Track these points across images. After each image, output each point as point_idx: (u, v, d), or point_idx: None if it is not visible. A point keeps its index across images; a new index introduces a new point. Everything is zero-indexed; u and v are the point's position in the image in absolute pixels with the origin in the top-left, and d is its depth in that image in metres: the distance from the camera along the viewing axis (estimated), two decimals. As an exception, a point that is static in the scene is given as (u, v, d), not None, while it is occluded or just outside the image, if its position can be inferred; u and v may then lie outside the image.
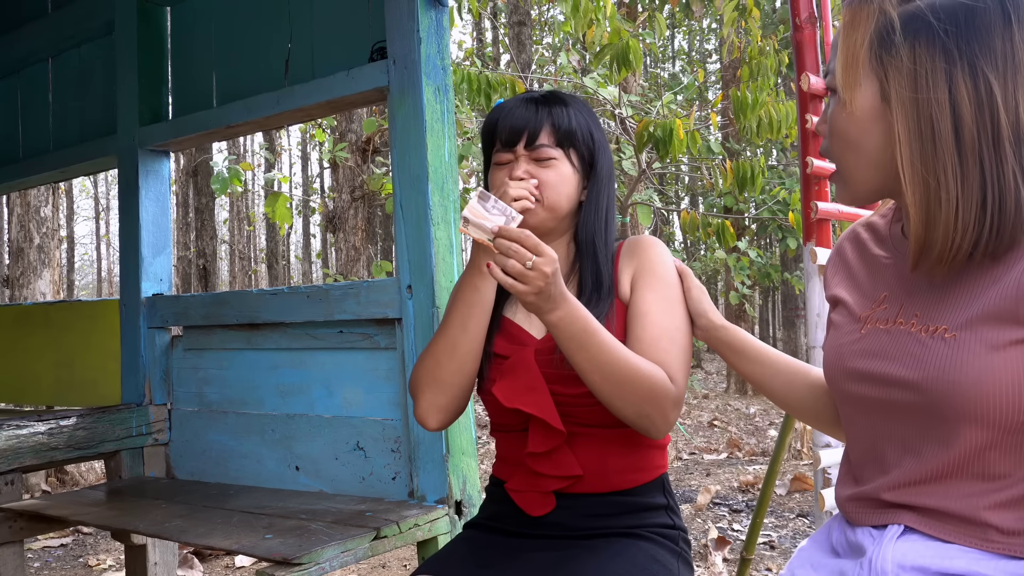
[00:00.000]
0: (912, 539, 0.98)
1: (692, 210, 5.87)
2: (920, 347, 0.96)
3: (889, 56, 0.92)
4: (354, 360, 2.13)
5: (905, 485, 0.99)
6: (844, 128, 0.98)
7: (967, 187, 0.89)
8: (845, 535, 1.08)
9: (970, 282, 0.94)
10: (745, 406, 9.70)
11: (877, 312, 1.05)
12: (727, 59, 9.09)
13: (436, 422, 1.41)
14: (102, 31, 2.85)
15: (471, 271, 1.34)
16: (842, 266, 1.17)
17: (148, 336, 2.60)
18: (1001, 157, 0.88)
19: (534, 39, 9.21)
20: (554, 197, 1.37)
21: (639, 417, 1.26)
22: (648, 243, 1.43)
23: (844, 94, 0.97)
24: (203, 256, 11.19)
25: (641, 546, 1.32)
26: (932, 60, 0.90)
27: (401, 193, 2.00)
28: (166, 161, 2.74)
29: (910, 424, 0.98)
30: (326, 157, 7.37)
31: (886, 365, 0.99)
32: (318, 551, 1.59)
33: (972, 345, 0.91)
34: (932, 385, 0.93)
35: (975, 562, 0.93)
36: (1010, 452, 0.92)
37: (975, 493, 0.94)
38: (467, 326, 1.33)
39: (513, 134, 1.38)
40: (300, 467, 2.22)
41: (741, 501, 4.74)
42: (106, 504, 2.19)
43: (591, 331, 1.22)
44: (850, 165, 1.00)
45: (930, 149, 0.90)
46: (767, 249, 12.59)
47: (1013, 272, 0.90)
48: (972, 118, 0.89)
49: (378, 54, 2.10)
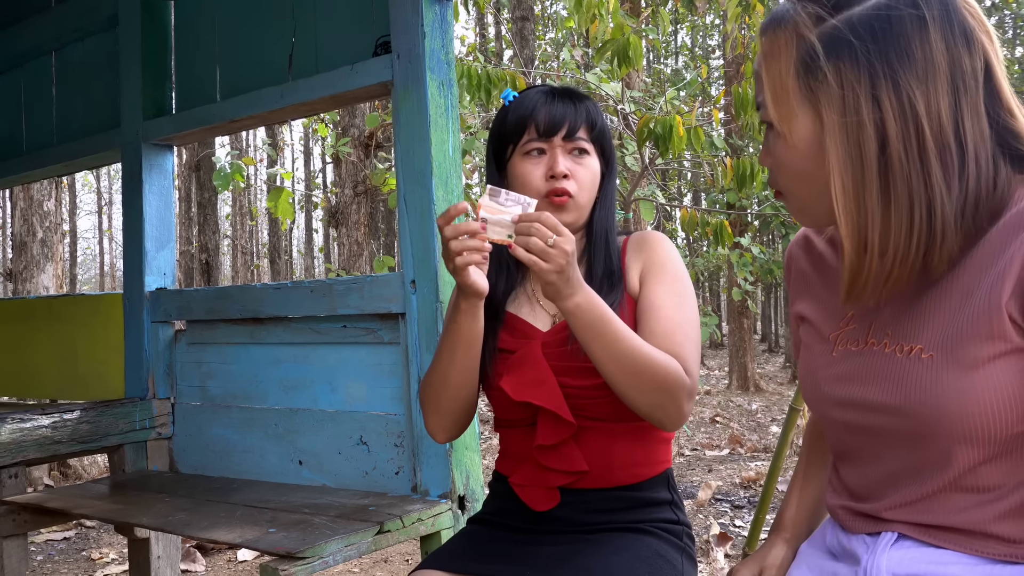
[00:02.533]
0: (906, 546, 0.97)
1: (692, 207, 5.86)
2: (897, 369, 0.93)
3: (817, 83, 0.90)
4: (357, 355, 2.13)
5: (902, 505, 0.97)
6: (789, 161, 0.95)
7: (897, 209, 0.88)
8: (839, 538, 1.07)
9: (940, 297, 0.92)
10: (747, 402, 9.70)
11: (846, 332, 1.03)
12: (730, 55, 9.07)
13: (443, 438, 1.46)
14: (106, 25, 2.85)
15: (453, 311, 1.31)
16: (800, 279, 1.15)
17: (151, 330, 2.61)
18: (927, 172, 0.87)
19: (537, 34, 9.20)
20: (587, 194, 1.40)
21: (654, 408, 1.26)
22: (656, 238, 1.44)
23: (781, 127, 0.94)
24: (205, 251, 11.21)
25: (645, 541, 1.32)
26: (858, 81, 0.88)
27: (405, 188, 2.00)
28: (169, 155, 2.74)
29: (900, 447, 0.96)
30: (328, 152, 7.37)
31: (864, 391, 0.97)
32: (321, 545, 1.59)
33: (951, 365, 0.88)
34: (916, 409, 0.91)
35: (970, 568, 0.92)
36: (1002, 463, 0.91)
37: (971, 506, 0.92)
38: (455, 360, 1.33)
39: (553, 125, 1.38)
40: (303, 461, 2.23)
41: (743, 497, 4.75)
42: (109, 497, 2.19)
43: (607, 319, 1.22)
44: (803, 195, 0.98)
45: (859, 175, 0.89)
46: (770, 245, 12.58)
47: (983, 286, 0.88)
48: (898, 135, 0.87)
49: (382, 48, 2.09)
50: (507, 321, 1.42)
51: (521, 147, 1.40)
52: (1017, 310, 0.85)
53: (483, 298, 1.27)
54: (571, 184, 1.37)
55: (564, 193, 1.36)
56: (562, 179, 1.36)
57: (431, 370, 1.39)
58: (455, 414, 1.40)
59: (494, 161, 1.46)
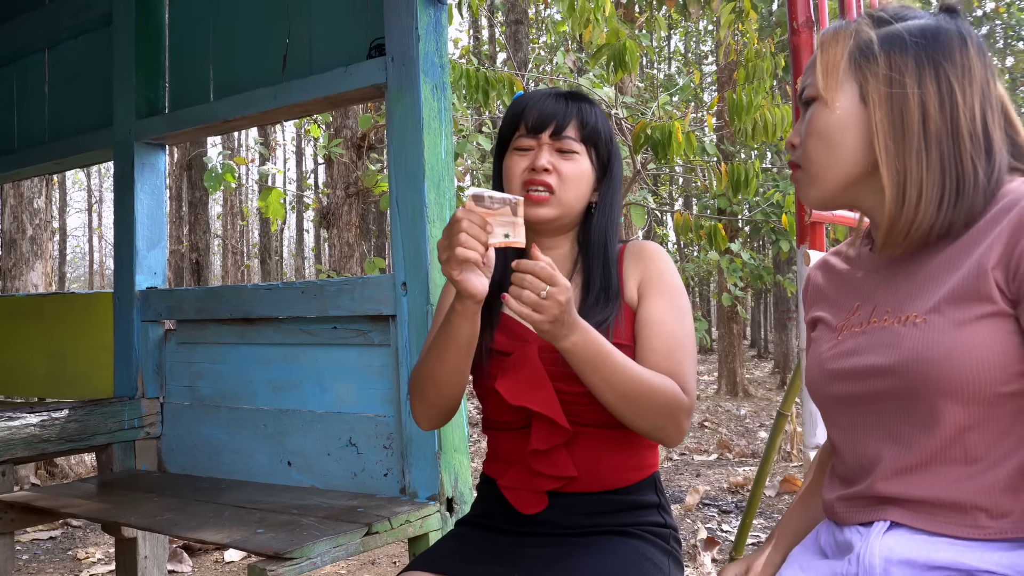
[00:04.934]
0: (899, 533, 1.01)
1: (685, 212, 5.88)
2: (894, 336, 1.03)
3: (867, 63, 1.06)
4: (347, 356, 2.13)
5: (894, 475, 1.02)
6: (825, 126, 1.08)
7: (931, 171, 1.01)
8: (833, 535, 1.11)
9: (933, 273, 1.03)
10: (736, 407, 9.73)
11: (852, 319, 1.13)
12: (723, 61, 9.10)
13: (428, 427, 1.46)
14: (100, 23, 2.85)
15: (449, 311, 1.29)
16: (816, 291, 1.26)
17: (141, 329, 2.60)
18: (960, 147, 1.01)
19: (531, 38, 9.21)
20: (571, 191, 1.39)
21: (653, 429, 1.29)
22: (654, 250, 1.44)
23: (827, 95, 1.08)
24: (196, 250, 11.17)
25: (632, 544, 1.33)
26: (905, 64, 1.03)
27: (397, 190, 2.01)
28: (162, 154, 2.74)
29: (892, 411, 1.03)
30: (320, 153, 7.36)
31: (863, 359, 1.06)
32: (309, 546, 1.59)
33: (941, 324, 0.98)
34: (907, 366, 0.99)
35: (961, 553, 0.96)
36: (987, 431, 0.97)
37: (961, 478, 0.98)
38: (444, 358, 1.32)
39: (541, 122, 1.39)
40: (292, 462, 2.23)
41: (730, 502, 4.76)
42: (97, 497, 2.18)
43: (604, 353, 1.23)
44: (824, 163, 1.09)
45: (900, 136, 1.03)
46: (760, 251, 12.62)
47: (972, 257, 0.98)
48: (937, 113, 1.02)
49: (376, 51, 2.10)
50: (502, 322, 1.42)
51: (513, 143, 1.42)
52: (1002, 276, 0.96)
53: (479, 302, 1.25)
54: (551, 178, 1.37)
55: (539, 185, 1.36)
56: (541, 172, 1.36)
57: (421, 362, 1.39)
58: (441, 406, 1.40)
59: (498, 158, 1.47)
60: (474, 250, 1.19)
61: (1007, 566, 0.94)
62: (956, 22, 1.06)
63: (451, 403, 1.40)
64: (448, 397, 1.38)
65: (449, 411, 1.42)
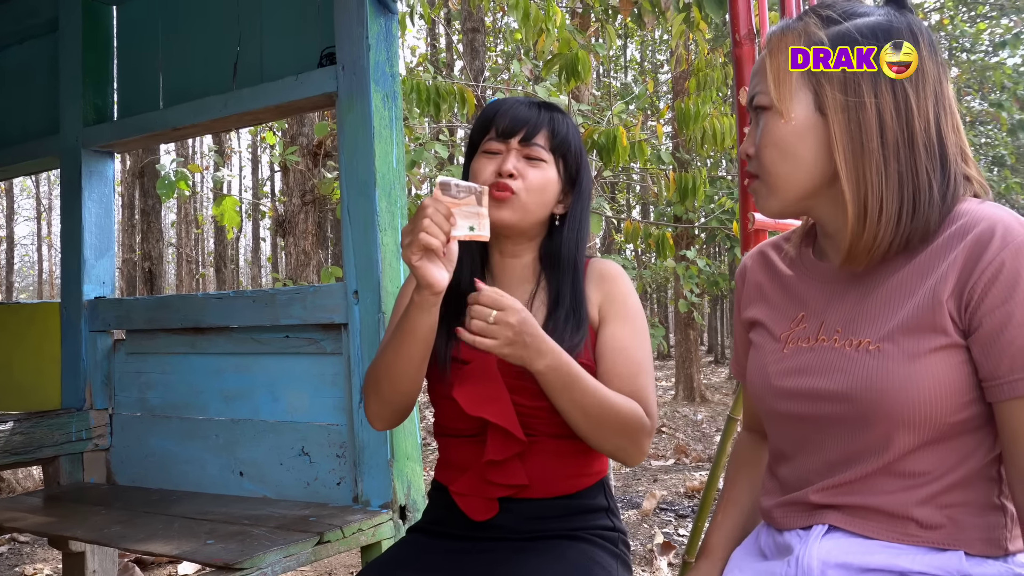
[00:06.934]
0: (836, 537, 1.03)
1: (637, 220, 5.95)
2: (846, 360, 1.01)
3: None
4: (300, 365, 2.12)
5: (833, 487, 1.04)
6: (781, 138, 1.04)
7: (890, 184, 0.99)
8: (773, 538, 1.13)
9: (887, 296, 1.01)
10: (693, 412, 9.83)
11: (797, 331, 1.10)
12: (676, 71, 9.21)
13: (381, 426, 1.45)
14: (45, 28, 2.80)
15: (408, 304, 1.30)
16: (753, 287, 1.23)
17: (89, 339, 2.56)
18: (916, 158, 0.99)
19: (488, 46, 9.24)
20: (535, 197, 1.39)
21: (616, 450, 1.31)
22: (616, 272, 1.46)
23: (780, 105, 1.03)
24: (149, 259, 10.98)
25: (581, 548, 1.35)
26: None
27: (349, 199, 2.01)
28: (110, 162, 2.70)
29: (840, 434, 1.03)
30: (276, 160, 7.30)
31: (814, 380, 1.04)
32: (260, 556, 1.58)
33: (895, 355, 0.97)
34: (861, 394, 0.98)
35: (895, 556, 0.99)
36: (932, 452, 0.98)
37: (898, 490, 1.00)
38: (401, 352, 1.32)
39: (511, 127, 1.40)
40: (244, 472, 2.21)
41: (687, 506, 4.81)
42: (43, 510, 2.14)
43: (575, 376, 1.24)
44: (783, 174, 1.05)
45: (860, 150, 0.99)
46: (715, 258, 12.77)
47: (927, 283, 0.97)
48: (893, 122, 0.99)
49: (327, 59, 2.10)
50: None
51: (482, 146, 1.43)
52: (955, 307, 0.95)
53: (437, 294, 1.25)
54: (516, 183, 1.37)
55: (505, 188, 1.37)
56: (507, 177, 1.37)
57: (377, 358, 1.39)
58: (395, 403, 1.39)
59: (468, 159, 1.47)
60: (436, 237, 1.20)
61: (939, 567, 0.97)
62: (907, 17, 1.02)
63: (406, 401, 1.39)
64: (403, 394, 1.37)
65: (404, 410, 1.41)
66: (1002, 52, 10.43)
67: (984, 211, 0.96)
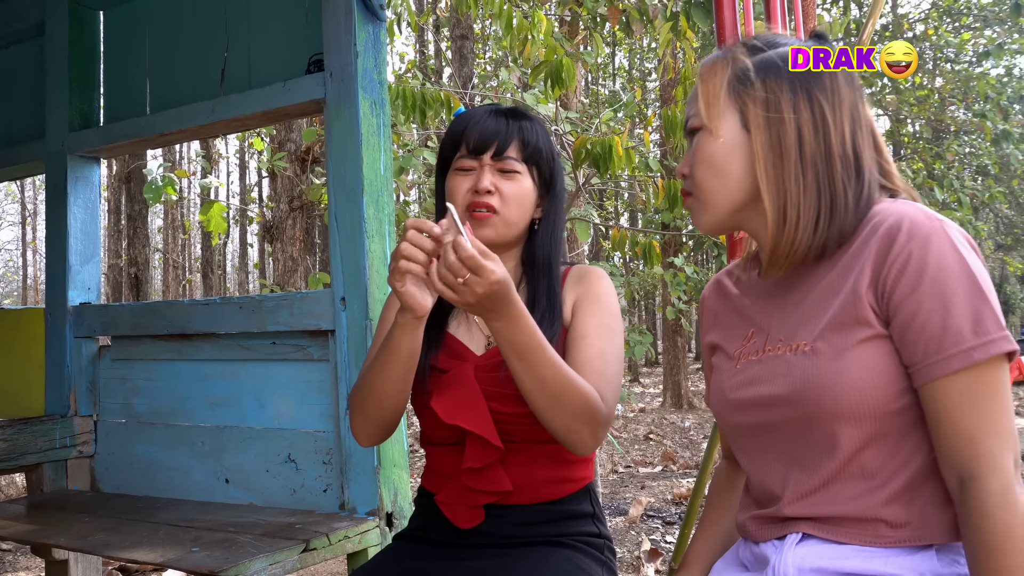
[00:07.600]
0: (810, 544, 1.06)
1: (625, 227, 5.96)
2: (787, 365, 1.07)
3: (746, 89, 1.10)
4: (286, 372, 2.12)
5: (799, 498, 1.07)
6: (711, 154, 1.12)
7: (807, 194, 1.06)
8: (751, 550, 1.16)
9: (817, 299, 1.07)
10: (680, 419, 9.84)
11: (747, 347, 1.17)
12: (663, 79, 9.25)
13: (367, 443, 1.44)
14: (32, 33, 2.79)
15: (393, 325, 1.29)
16: (711, 315, 1.30)
17: (74, 346, 2.55)
18: (832, 170, 1.07)
19: (477, 53, 9.25)
20: (514, 210, 1.39)
21: (568, 432, 1.28)
22: (596, 274, 1.46)
23: (710, 124, 1.12)
24: (135, 265, 10.93)
25: (566, 554, 1.35)
26: (780, 89, 1.09)
27: (336, 205, 2.01)
28: (96, 167, 2.69)
29: (792, 438, 1.08)
30: (264, 166, 7.28)
31: (761, 388, 1.11)
32: (245, 563, 1.57)
33: (827, 352, 1.03)
34: (800, 395, 1.04)
35: (868, 560, 1.02)
36: (881, 448, 1.02)
37: (860, 494, 1.03)
38: (385, 371, 1.31)
39: (482, 143, 1.39)
40: (230, 479, 2.20)
41: (674, 513, 4.82)
42: (26, 518, 2.13)
43: (533, 345, 1.22)
44: (713, 189, 1.13)
45: (779, 161, 1.08)
46: (703, 265, 12.81)
47: (849, 281, 1.03)
48: (811, 136, 1.07)
49: (315, 66, 2.10)
50: (445, 341, 1.43)
51: (455, 163, 1.42)
52: (873, 297, 1.01)
53: (420, 318, 1.24)
54: (494, 199, 1.38)
55: (484, 207, 1.37)
56: (484, 195, 1.38)
57: (362, 376, 1.38)
58: (380, 420, 1.38)
59: (441, 175, 1.47)
60: (414, 262, 1.19)
61: (911, 569, 1.00)
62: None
63: (391, 418, 1.39)
64: (388, 411, 1.37)
65: (388, 427, 1.41)
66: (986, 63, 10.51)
67: (895, 207, 1.03)
